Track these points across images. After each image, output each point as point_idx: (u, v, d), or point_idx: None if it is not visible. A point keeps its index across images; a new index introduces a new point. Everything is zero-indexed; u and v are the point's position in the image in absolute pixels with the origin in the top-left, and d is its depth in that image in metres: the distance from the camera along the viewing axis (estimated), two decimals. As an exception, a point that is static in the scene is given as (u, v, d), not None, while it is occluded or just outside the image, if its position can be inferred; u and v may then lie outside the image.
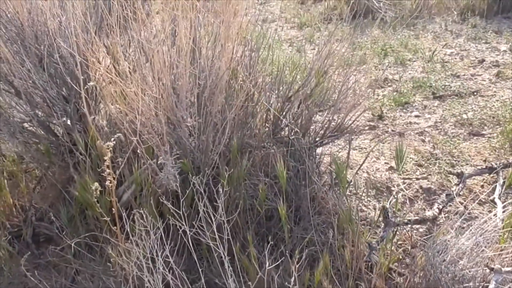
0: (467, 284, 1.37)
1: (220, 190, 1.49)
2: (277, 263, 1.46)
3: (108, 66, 1.96)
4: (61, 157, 2.13)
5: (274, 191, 1.91)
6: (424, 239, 1.86)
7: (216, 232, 1.43)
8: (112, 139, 1.38)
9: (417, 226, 1.95)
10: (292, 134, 1.99)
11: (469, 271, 1.37)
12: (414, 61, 3.68)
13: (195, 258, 1.37)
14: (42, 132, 2.12)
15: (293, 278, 1.18)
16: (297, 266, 1.46)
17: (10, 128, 2.06)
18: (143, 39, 1.76)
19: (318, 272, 1.45)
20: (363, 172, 2.30)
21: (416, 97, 3.15)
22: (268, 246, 1.69)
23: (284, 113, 2.08)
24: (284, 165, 1.64)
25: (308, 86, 2.05)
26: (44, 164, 2.23)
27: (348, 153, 1.93)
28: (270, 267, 1.36)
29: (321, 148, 2.21)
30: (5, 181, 2.14)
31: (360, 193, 2.11)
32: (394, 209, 1.84)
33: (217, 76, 1.80)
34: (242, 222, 1.81)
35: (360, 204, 2.04)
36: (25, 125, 2.15)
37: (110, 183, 1.41)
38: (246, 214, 1.84)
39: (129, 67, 1.82)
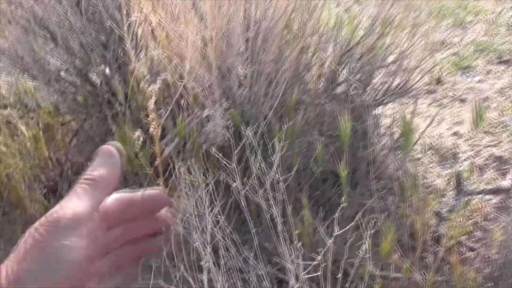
0: None
1: (276, 144, 1.32)
2: (338, 231, 1.29)
3: (151, 9, 1.80)
4: (99, 109, 2.00)
5: (329, 151, 1.73)
6: (497, 211, 1.66)
7: (269, 191, 1.27)
8: (158, 79, 1.21)
9: (489, 197, 1.75)
10: (351, 89, 1.79)
11: None
12: (475, 23, 3.38)
13: (248, 218, 1.21)
14: (79, 81, 1.99)
15: (365, 246, 1.01)
16: (355, 234, 1.30)
17: (45, 75, 1.94)
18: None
19: (386, 243, 1.28)
20: (425, 137, 2.10)
21: (478, 61, 2.88)
22: (323, 210, 1.53)
23: (342, 67, 1.88)
24: (347, 120, 1.45)
25: (370, 37, 1.84)
26: (81, 116, 2.11)
27: (413, 112, 1.73)
28: (322, 226, 1.19)
29: (379, 109, 2.02)
30: (40, 132, 2.03)
31: (423, 159, 1.92)
32: (465, 176, 1.65)
33: (272, 20, 1.61)
34: (294, 183, 1.65)
35: (423, 171, 1.85)
36: (62, 74, 2.03)
37: (154, 129, 1.25)
38: (298, 174, 1.67)
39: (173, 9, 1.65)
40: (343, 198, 1.20)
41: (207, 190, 1.27)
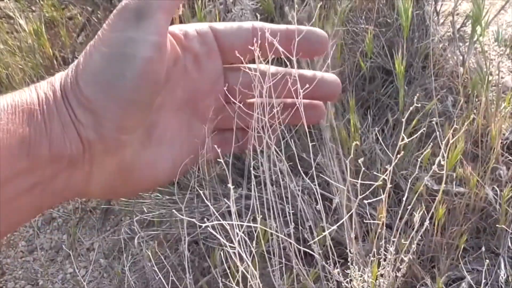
0: None
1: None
2: (404, 140, 1.06)
3: None
4: (106, -2, 1.73)
5: (379, 43, 1.45)
6: None
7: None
8: None
9: None
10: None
11: None
12: None
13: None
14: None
15: (440, 157, 0.77)
16: (413, 143, 1.07)
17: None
18: None
19: (455, 153, 1.04)
20: (491, 27, 1.77)
21: None
22: (370, 114, 1.30)
23: None
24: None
25: None
26: (87, 8, 1.84)
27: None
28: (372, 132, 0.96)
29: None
30: (43, 26, 1.78)
31: (490, 52, 1.62)
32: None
33: None
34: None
35: (492, 66, 1.56)
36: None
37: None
38: (341, 71, 1.41)
39: None
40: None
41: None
